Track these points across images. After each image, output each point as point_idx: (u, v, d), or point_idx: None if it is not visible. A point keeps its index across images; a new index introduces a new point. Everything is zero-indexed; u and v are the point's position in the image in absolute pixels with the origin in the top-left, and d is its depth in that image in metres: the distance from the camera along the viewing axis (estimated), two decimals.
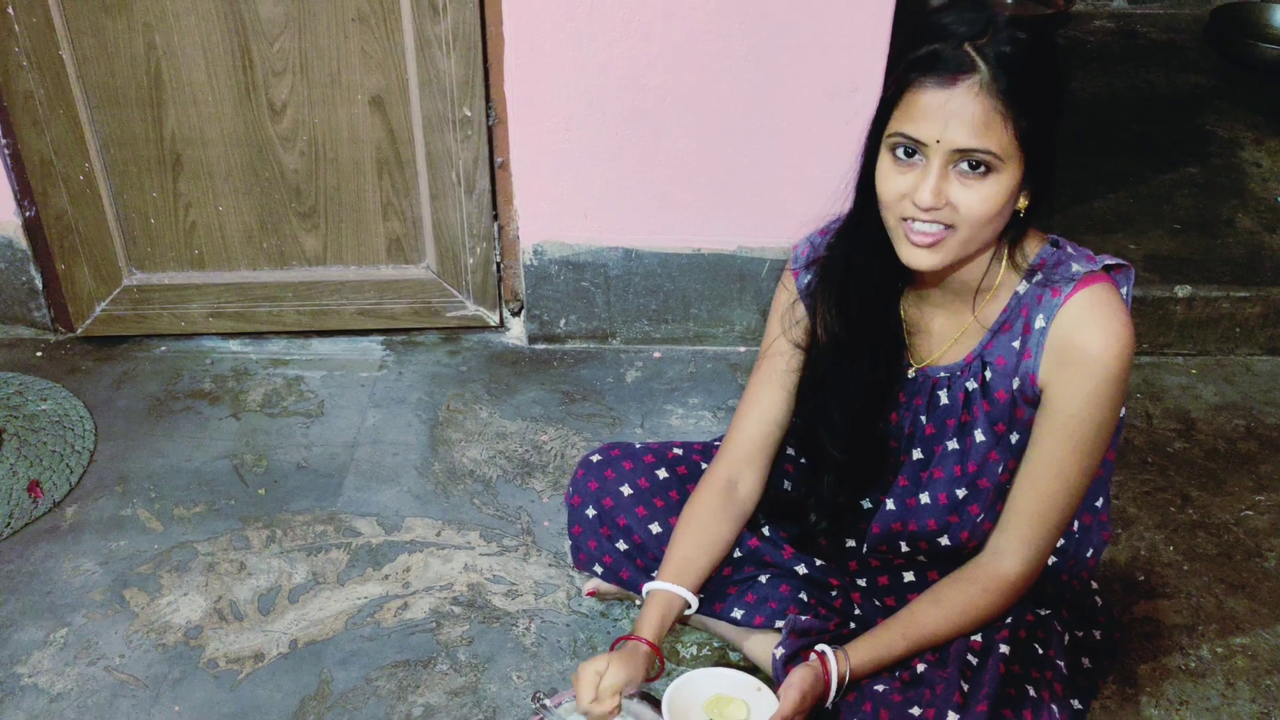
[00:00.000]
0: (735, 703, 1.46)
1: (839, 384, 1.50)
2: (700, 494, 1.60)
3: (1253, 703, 1.68)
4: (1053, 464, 1.39)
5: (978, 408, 1.45)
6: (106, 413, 2.27)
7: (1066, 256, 1.39)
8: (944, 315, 1.47)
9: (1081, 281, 1.35)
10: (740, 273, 2.35)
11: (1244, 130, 2.98)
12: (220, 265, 2.40)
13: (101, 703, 1.70)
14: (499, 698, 1.70)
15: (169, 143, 2.26)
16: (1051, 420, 1.38)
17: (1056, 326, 1.35)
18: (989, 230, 1.31)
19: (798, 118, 2.15)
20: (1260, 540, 1.96)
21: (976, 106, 1.23)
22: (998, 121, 1.23)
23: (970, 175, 1.26)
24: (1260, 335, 2.40)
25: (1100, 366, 1.33)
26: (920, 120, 1.25)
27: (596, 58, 2.12)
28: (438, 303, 2.43)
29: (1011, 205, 1.31)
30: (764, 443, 1.60)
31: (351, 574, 1.91)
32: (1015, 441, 1.44)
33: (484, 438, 2.21)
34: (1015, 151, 1.25)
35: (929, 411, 1.50)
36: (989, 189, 1.27)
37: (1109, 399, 1.35)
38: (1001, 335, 1.42)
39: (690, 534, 1.57)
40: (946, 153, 1.25)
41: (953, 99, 1.23)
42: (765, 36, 2.08)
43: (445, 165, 2.27)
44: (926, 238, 1.30)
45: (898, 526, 1.55)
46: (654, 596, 1.53)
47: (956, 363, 1.46)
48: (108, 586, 1.89)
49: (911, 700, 1.41)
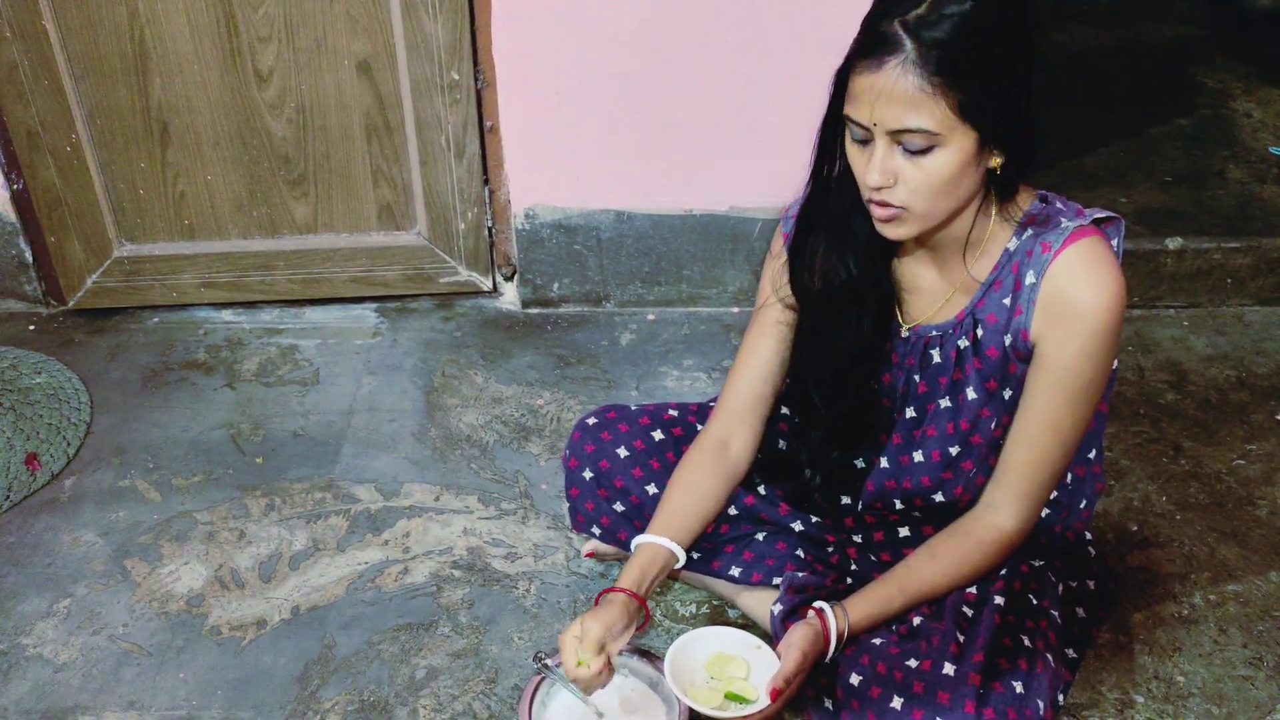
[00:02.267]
0: (736, 661, 1.48)
1: (827, 344, 1.51)
2: (692, 452, 1.61)
3: (1244, 648, 1.71)
4: (1046, 418, 1.40)
5: (969, 365, 1.46)
6: (101, 385, 2.27)
7: (1055, 211, 1.39)
8: (935, 274, 1.47)
9: (1071, 236, 1.35)
10: (733, 233, 2.34)
11: (1234, 81, 2.97)
12: (211, 235, 2.39)
13: (106, 671, 1.72)
14: (501, 659, 1.72)
15: (155, 112, 2.24)
16: (1044, 374, 1.38)
17: (1047, 282, 1.36)
18: (949, 201, 1.32)
19: (789, 77, 2.14)
20: (1252, 489, 1.98)
21: (901, 86, 1.23)
22: (926, 99, 1.22)
23: (913, 154, 1.27)
24: (1251, 286, 2.41)
25: (1092, 320, 1.34)
26: (858, 104, 1.27)
27: (585, 19, 2.10)
28: (430, 269, 2.42)
29: (973, 171, 1.30)
30: (756, 401, 1.61)
31: (351, 540, 1.92)
32: (1008, 397, 1.45)
33: (480, 403, 2.21)
34: (957, 123, 1.24)
35: (921, 370, 1.51)
36: (933, 163, 1.27)
37: (1101, 352, 1.36)
38: (993, 293, 1.42)
39: (679, 490, 1.58)
40: (885, 134, 1.26)
41: (879, 80, 1.24)
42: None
43: (434, 130, 2.26)
44: (886, 212, 1.32)
45: (891, 484, 1.56)
46: (639, 549, 1.54)
47: (948, 321, 1.47)
48: (109, 557, 1.90)
49: (909, 652, 1.43)
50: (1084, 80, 3.00)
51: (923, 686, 1.38)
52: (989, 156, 1.30)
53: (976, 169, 1.30)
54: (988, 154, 1.29)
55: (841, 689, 1.44)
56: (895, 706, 1.38)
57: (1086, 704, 1.62)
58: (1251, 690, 1.65)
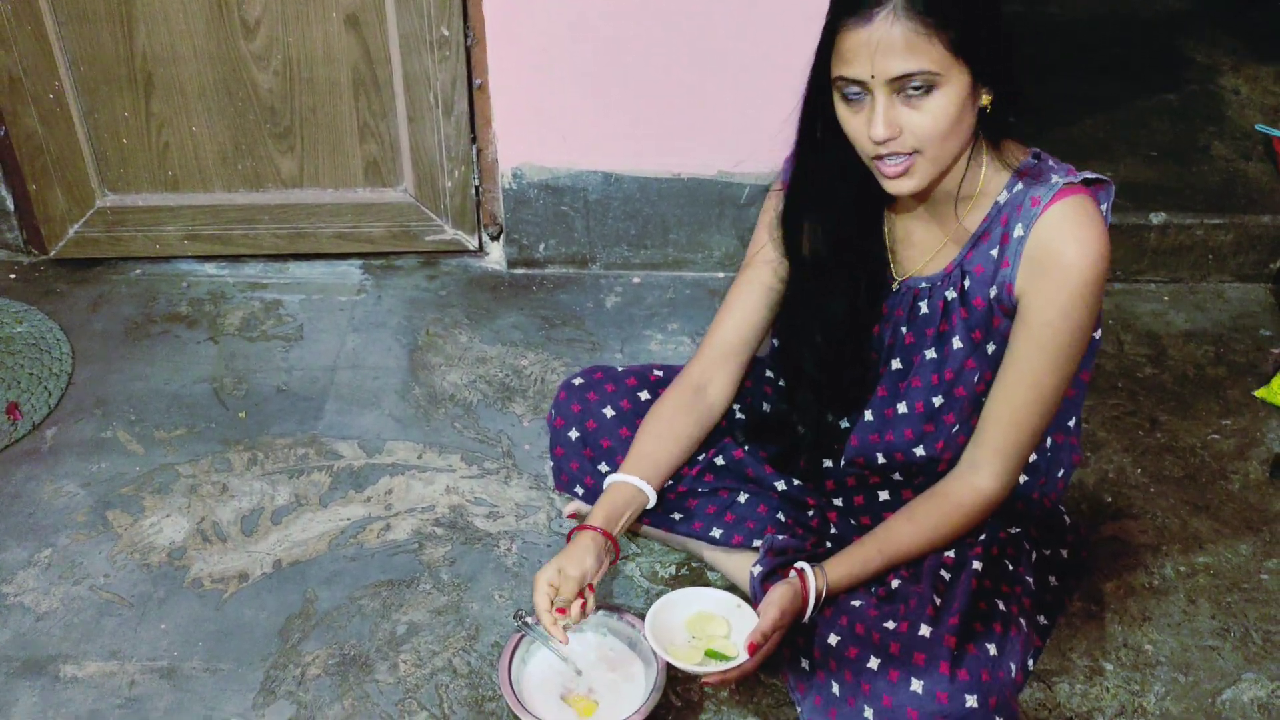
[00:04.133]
0: (716, 620, 1.50)
1: (821, 305, 1.52)
2: (668, 394, 1.63)
3: (1212, 619, 1.74)
4: (1028, 374, 1.42)
5: (956, 315, 1.47)
6: (83, 336, 2.26)
7: (1047, 168, 1.41)
8: (925, 226, 1.49)
9: (1060, 192, 1.37)
10: (720, 198, 2.34)
11: (1223, 56, 2.97)
12: (195, 187, 2.37)
13: (87, 621, 1.72)
14: (481, 616, 1.73)
15: (140, 61, 2.21)
16: (1027, 329, 1.40)
17: (1034, 235, 1.37)
18: (955, 141, 1.34)
19: (777, 42, 2.13)
20: (1225, 463, 2.01)
21: (897, 32, 1.25)
22: (922, 41, 1.25)
23: (915, 97, 1.29)
24: (1232, 262, 2.43)
25: (1076, 274, 1.35)
26: (852, 61, 1.29)
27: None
28: (416, 226, 2.41)
29: (970, 110, 1.33)
30: (739, 346, 1.62)
31: (334, 496, 1.93)
32: (992, 352, 1.47)
33: (464, 362, 2.22)
34: (952, 61, 1.27)
35: (909, 322, 1.52)
36: (936, 104, 1.29)
37: (1084, 307, 1.38)
38: (981, 244, 1.44)
39: (653, 430, 1.61)
40: (884, 84, 1.28)
41: (874, 32, 1.26)
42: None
43: (423, 86, 2.24)
44: (897, 167, 1.34)
45: (875, 438, 1.58)
46: (611, 488, 1.57)
47: (937, 273, 1.48)
48: (90, 508, 1.90)
49: (886, 614, 1.45)
50: (1073, 51, 2.99)
51: (899, 647, 1.40)
52: (980, 94, 1.33)
53: (973, 108, 1.33)
54: (979, 91, 1.32)
55: (819, 649, 1.46)
56: (872, 666, 1.40)
57: (1056, 670, 1.65)
58: (1218, 660, 1.68)
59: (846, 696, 1.40)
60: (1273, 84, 2.85)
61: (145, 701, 1.61)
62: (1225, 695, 1.63)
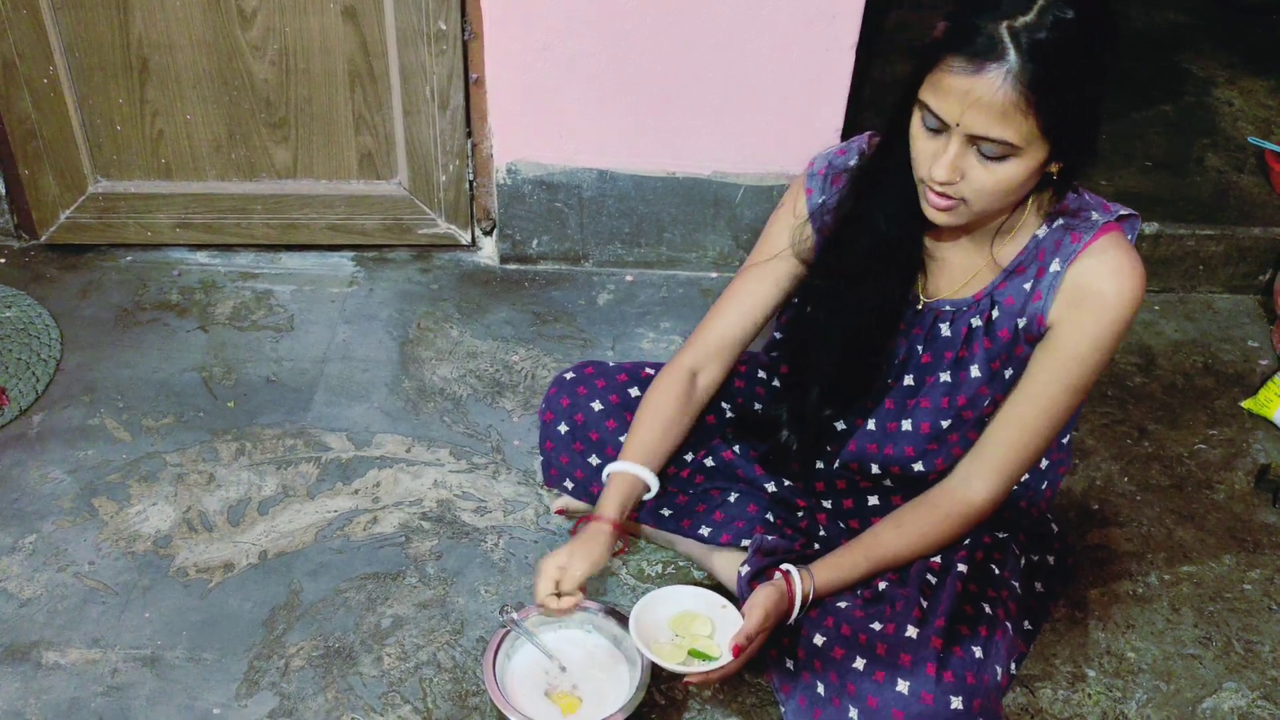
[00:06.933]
0: (700, 619, 1.50)
1: (841, 306, 1.52)
2: (663, 381, 1.62)
3: (1195, 627, 1.75)
4: (1043, 399, 1.42)
5: (978, 344, 1.47)
6: (72, 322, 2.25)
7: (1086, 205, 1.41)
8: (962, 251, 1.48)
9: (1102, 229, 1.38)
10: (715, 198, 2.34)
11: (1219, 69, 2.98)
12: (188, 175, 2.36)
13: (71, 608, 1.72)
14: (467, 610, 1.73)
15: (135, 47, 2.20)
16: (1053, 357, 1.41)
17: (1074, 270, 1.38)
18: (1007, 201, 1.34)
19: (777, 44, 2.13)
20: (1211, 473, 2.02)
21: (999, 98, 1.21)
22: (1018, 114, 1.22)
23: (989, 158, 1.27)
24: (1222, 273, 2.44)
25: (1113, 310, 1.36)
26: (943, 100, 1.25)
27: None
28: (409, 220, 2.41)
29: (1033, 180, 1.31)
30: (737, 338, 1.62)
31: (321, 488, 1.92)
32: (1009, 376, 1.47)
33: (455, 356, 2.21)
34: (1038, 138, 1.25)
35: (927, 342, 1.52)
36: (1005, 171, 1.28)
37: (1111, 343, 1.39)
38: (1015, 276, 1.44)
39: (650, 417, 1.60)
40: (965, 135, 1.26)
41: (976, 86, 1.22)
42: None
43: (419, 80, 2.24)
44: (943, 203, 1.33)
45: (873, 448, 1.58)
46: (615, 477, 1.56)
47: (965, 299, 1.48)
48: (76, 495, 1.89)
49: (873, 616, 1.45)
50: None
51: (885, 648, 1.40)
52: (1050, 163, 1.31)
53: (1033, 180, 1.32)
54: (1050, 162, 1.30)
55: (804, 649, 1.46)
56: (858, 667, 1.40)
57: (1040, 675, 1.66)
58: (1199, 669, 1.69)
59: (831, 697, 1.41)
60: (1266, 97, 2.86)
61: (127, 690, 1.61)
62: (1206, 704, 1.64)
